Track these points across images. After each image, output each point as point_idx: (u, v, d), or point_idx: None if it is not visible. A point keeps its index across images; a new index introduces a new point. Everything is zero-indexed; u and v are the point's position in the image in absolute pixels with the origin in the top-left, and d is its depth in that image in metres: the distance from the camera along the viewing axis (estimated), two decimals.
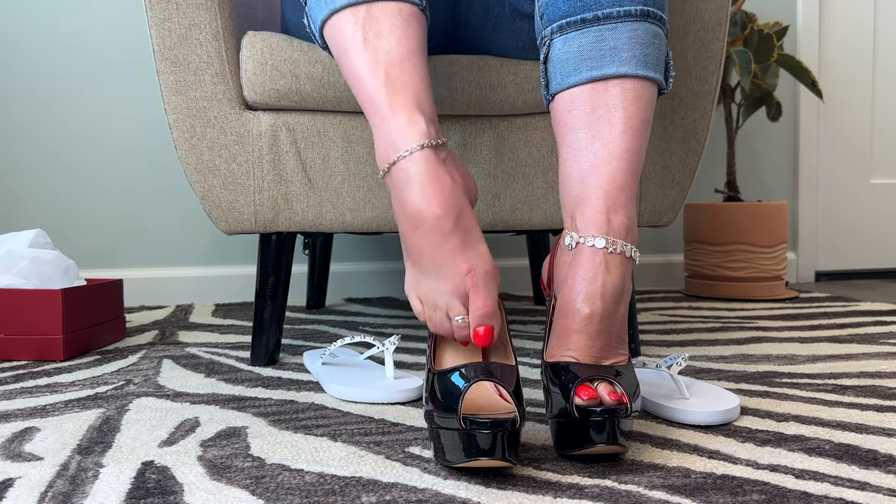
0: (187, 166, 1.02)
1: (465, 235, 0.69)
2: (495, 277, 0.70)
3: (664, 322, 1.42)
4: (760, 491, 0.58)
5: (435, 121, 0.73)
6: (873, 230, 2.20)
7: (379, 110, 0.72)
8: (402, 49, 0.73)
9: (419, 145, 0.69)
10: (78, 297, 1.15)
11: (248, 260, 1.84)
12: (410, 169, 0.69)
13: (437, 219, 0.68)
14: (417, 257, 0.70)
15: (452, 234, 0.68)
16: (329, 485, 0.60)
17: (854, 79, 2.16)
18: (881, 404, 0.83)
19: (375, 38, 0.73)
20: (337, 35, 0.76)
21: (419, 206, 0.68)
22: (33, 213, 1.75)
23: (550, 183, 1.05)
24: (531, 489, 0.59)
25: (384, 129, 0.71)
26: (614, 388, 0.64)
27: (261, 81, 0.99)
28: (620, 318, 0.70)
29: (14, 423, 0.79)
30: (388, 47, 0.73)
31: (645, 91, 0.74)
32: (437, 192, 0.68)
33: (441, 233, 0.68)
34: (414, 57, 0.73)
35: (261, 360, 1.07)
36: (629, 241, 0.70)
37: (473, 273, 0.68)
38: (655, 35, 0.75)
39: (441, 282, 0.69)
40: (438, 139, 0.71)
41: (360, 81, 0.73)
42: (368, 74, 0.73)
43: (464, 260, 0.68)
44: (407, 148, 0.69)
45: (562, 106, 0.75)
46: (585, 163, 0.72)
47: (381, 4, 0.74)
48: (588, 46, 0.74)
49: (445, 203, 0.68)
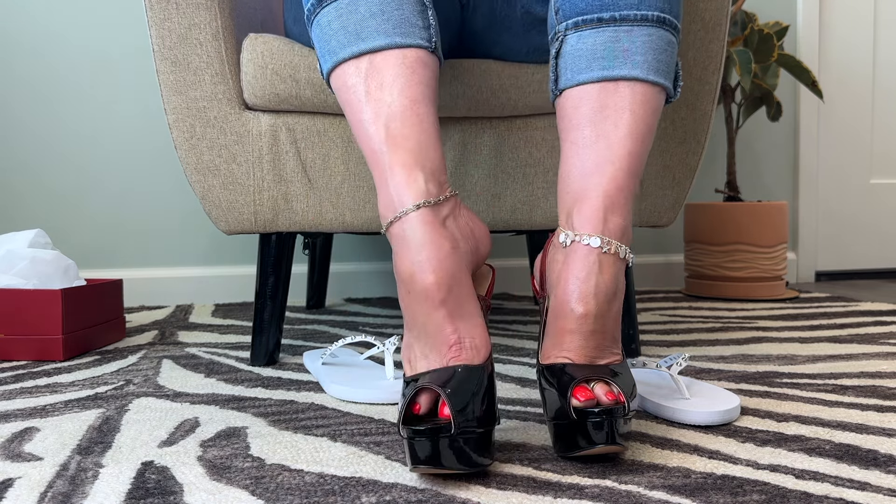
0: (187, 166, 1.02)
1: (457, 307, 0.65)
2: (484, 349, 0.66)
3: (664, 322, 1.42)
4: (761, 491, 0.58)
5: (438, 174, 0.70)
6: (873, 230, 2.20)
7: (379, 166, 0.71)
8: (405, 100, 0.71)
9: (415, 206, 0.67)
10: (78, 297, 1.15)
11: (248, 260, 1.84)
12: (407, 230, 0.67)
13: (428, 286, 0.65)
14: (410, 321, 0.68)
15: (444, 305, 0.65)
16: (329, 485, 0.60)
17: (854, 79, 2.16)
18: (881, 404, 0.83)
19: (377, 91, 0.72)
20: (341, 87, 0.75)
21: (412, 270, 0.66)
22: (33, 213, 1.75)
23: (550, 183, 1.05)
24: (531, 489, 0.59)
25: (384, 187, 0.70)
26: (611, 388, 0.64)
27: (261, 85, 0.99)
28: (614, 317, 0.70)
29: (14, 423, 0.79)
30: (391, 99, 0.71)
31: (653, 97, 0.74)
32: (431, 258, 0.65)
33: (432, 301, 0.65)
34: (417, 106, 0.71)
35: (261, 361, 1.07)
36: (624, 243, 0.70)
37: (459, 346, 0.65)
38: (669, 43, 0.75)
39: (428, 349, 0.66)
40: (441, 195, 0.69)
41: (363, 135, 0.73)
42: (370, 128, 0.72)
43: (453, 331, 0.65)
44: (404, 208, 0.67)
45: (569, 102, 0.75)
46: (588, 161, 0.72)
47: (384, 54, 0.72)
48: (602, 46, 0.73)
49: (439, 270, 0.65)
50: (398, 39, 0.73)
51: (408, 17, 0.74)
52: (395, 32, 0.73)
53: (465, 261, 0.69)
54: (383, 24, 0.73)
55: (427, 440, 0.58)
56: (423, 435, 0.58)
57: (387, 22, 0.73)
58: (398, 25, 0.73)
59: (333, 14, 0.75)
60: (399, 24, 0.73)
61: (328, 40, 0.75)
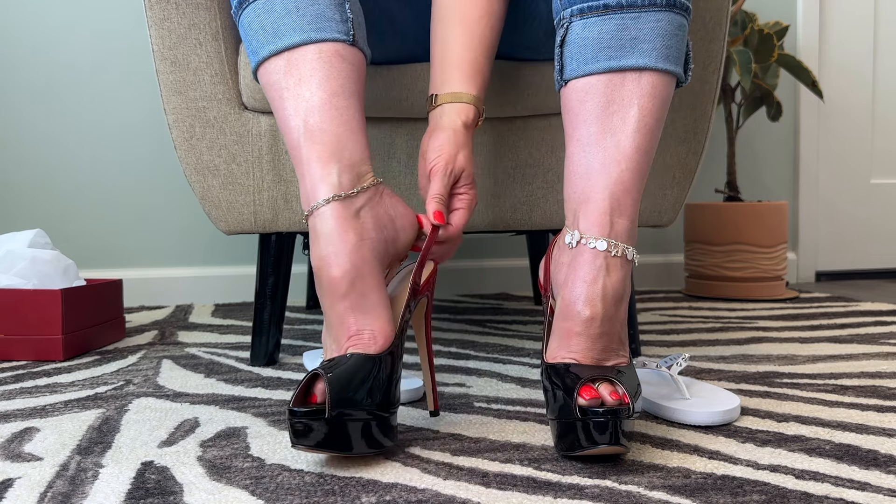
0: (187, 166, 1.02)
1: (359, 299, 0.68)
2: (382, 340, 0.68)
3: (664, 322, 1.42)
4: (761, 491, 0.58)
5: (357, 166, 0.72)
6: (873, 230, 2.20)
7: (299, 160, 0.73)
8: (323, 93, 0.73)
9: (325, 200, 0.69)
10: (78, 297, 1.15)
11: (248, 260, 1.84)
12: (317, 223, 0.69)
13: (333, 279, 0.68)
14: (323, 309, 0.70)
15: (346, 297, 0.67)
16: (329, 485, 0.60)
17: (854, 78, 2.16)
18: (881, 404, 0.83)
19: (296, 86, 0.73)
20: (265, 84, 0.77)
21: (319, 264, 0.69)
22: (33, 213, 1.75)
23: (550, 183, 1.05)
24: (531, 489, 0.59)
25: (302, 180, 0.72)
26: (616, 389, 0.64)
27: (258, 88, 0.99)
28: (621, 320, 0.69)
29: (14, 424, 0.79)
30: (309, 94, 0.73)
31: (663, 86, 0.72)
32: (337, 251, 0.68)
33: (336, 293, 0.68)
34: (336, 99, 0.73)
35: (260, 361, 1.07)
36: (630, 244, 0.70)
37: (357, 337, 0.67)
38: (679, 26, 0.73)
39: (332, 339, 0.69)
40: (357, 187, 0.71)
41: (286, 130, 0.74)
42: (291, 122, 0.73)
43: (353, 322, 0.68)
44: (316, 201, 0.70)
45: (575, 95, 0.73)
46: (594, 160, 0.71)
47: (301, 50, 0.74)
48: (608, 34, 0.71)
49: (344, 264, 0.67)
50: (313, 35, 0.74)
51: (323, 12, 0.75)
52: (311, 28, 0.74)
53: (374, 252, 0.70)
54: (298, 21, 0.74)
55: (303, 421, 0.61)
56: (300, 417, 0.61)
57: (301, 18, 0.74)
58: (313, 21, 0.75)
59: (252, 14, 0.77)
60: (314, 20, 0.75)
61: (251, 40, 0.77)
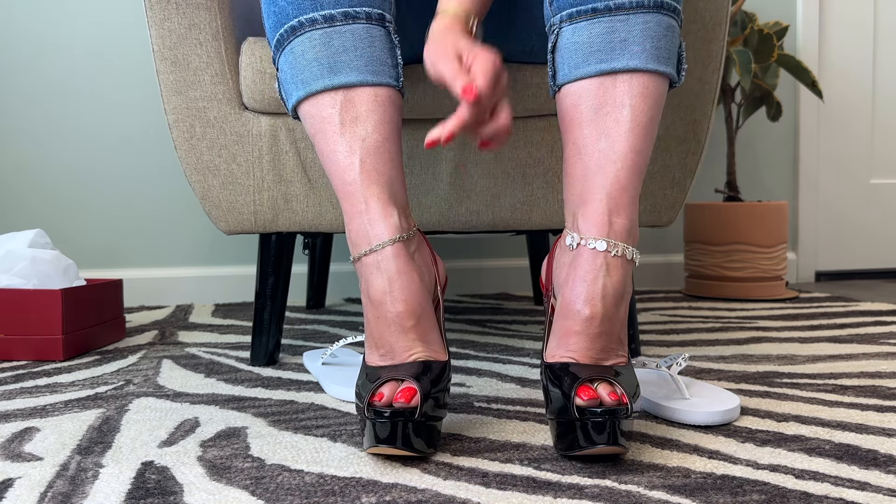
0: (187, 166, 1.02)
1: (423, 334, 0.71)
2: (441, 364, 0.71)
3: (664, 322, 1.42)
4: (760, 491, 0.58)
5: (407, 210, 0.76)
6: (873, 230, 2.20)
7: (353, 198, 0.73)
8: (379, 136, 0.74)
9: (391, 240, 0.71)
10: (78, 297, 1.15)
11: (248, 260, 1.84)
12: (381, 263, 0.71)
13: (399, 315, 0.70)
14: (378, 341, 0.72)
15: (413, 331, 0.71)
16: (329, 485, 0.60)
17: (854, 78, 2.16)
18: (881, 404, 0.83)
19: (352, 124, 0.74)
20: (313, 116, 0.76)
21: (384, 300, 0.71)
22: (33, 213, 1.75)
23: (550, 183, 1.05)
24: (531, 489, 0.59)
25: (358, 219, 0.73)
26: (614, 389, 0.64)
27: (259, 89, 0.99)
28: (621, 319, 0.69)
29: (14, 423, 0.79)
30: (364, 134, 0.74)
31: (654, 86, 0.72)
32: (403, 289, 0.71)
33: (402, 328, 0.70)
34: (389, 144, 0.75)
35: (261, 361, 1.07)
36: (630, 243, 0.70)
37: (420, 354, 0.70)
38: (669, 27, 0.73)
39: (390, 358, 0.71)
40: (410, 230, 0.74)
41: (336, 166, 0.74)
42: (344, 161, 0.74)
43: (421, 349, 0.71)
44: (380, 242, 0.71)
45: (568, 99, 0.74)
46: (590, 161, 0.71)
47: (359, 90, 0.75)
48: (598, 38, 0.72)
49: (410, 302, 0.71)
50: (370, 77, 0.75)
51: (379, 56, 0.76)
52: (368, 70, 0.75)
53: (429, 292, 0.74)
54: (356, 61, 0.75)
55: (388, 423, 0.63)
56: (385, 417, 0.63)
57: (360, 58, 0.75)
58: (370, 63, 0.75)
59: (307, 44, 0.76)
60: (371, 62, 0.75)
61: (301, 69, 0.76)
